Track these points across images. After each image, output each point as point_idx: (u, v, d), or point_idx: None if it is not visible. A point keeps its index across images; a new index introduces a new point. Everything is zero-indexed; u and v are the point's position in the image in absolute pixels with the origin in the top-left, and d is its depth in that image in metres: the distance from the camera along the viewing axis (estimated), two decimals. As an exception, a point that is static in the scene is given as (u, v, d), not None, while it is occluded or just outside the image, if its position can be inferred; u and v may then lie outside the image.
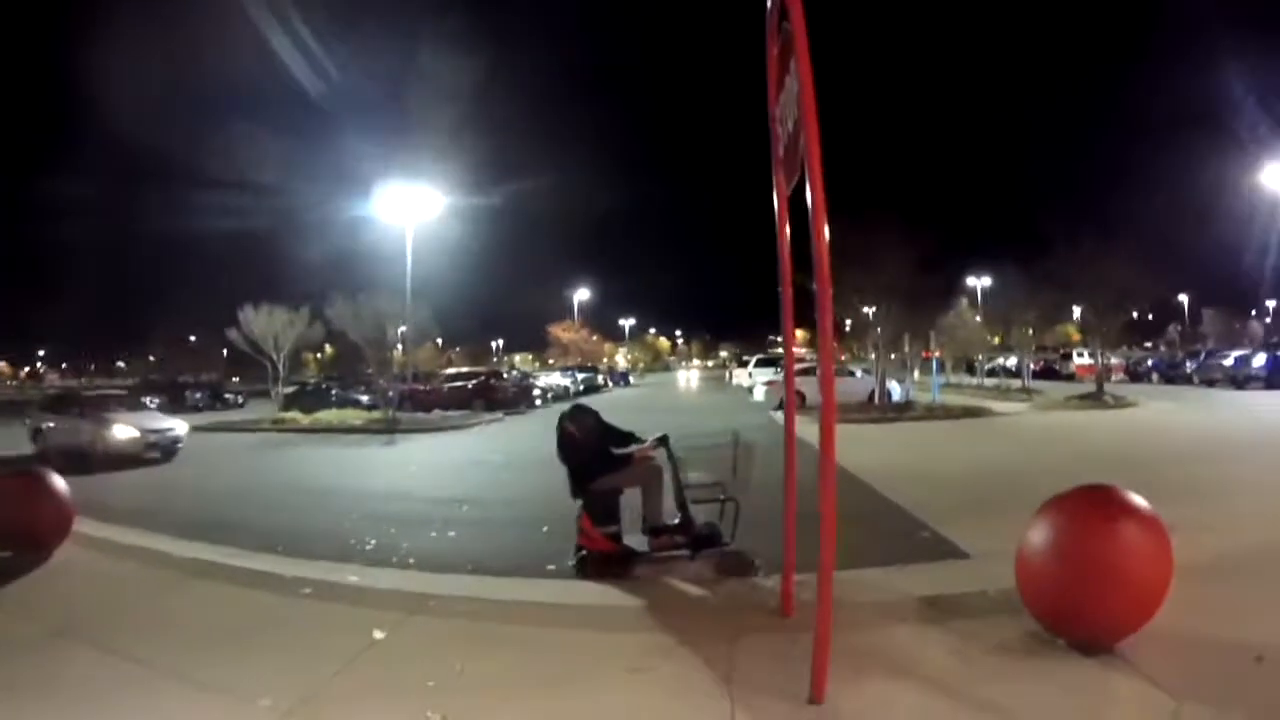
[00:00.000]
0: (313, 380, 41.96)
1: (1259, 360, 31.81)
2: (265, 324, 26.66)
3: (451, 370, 39.58)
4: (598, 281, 78.21)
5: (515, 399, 30.22)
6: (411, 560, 6.77)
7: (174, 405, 32.10)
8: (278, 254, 79.25)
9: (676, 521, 6.23)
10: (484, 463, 14.30)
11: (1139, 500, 4.08)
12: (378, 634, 4.52)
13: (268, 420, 25.05)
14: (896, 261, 21.51)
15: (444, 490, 10.90)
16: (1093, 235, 24.14)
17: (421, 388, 31.40)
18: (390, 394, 24.77)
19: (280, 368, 27.21)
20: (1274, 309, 73.28)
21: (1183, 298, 78.62)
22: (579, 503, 6.20)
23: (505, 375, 35.75)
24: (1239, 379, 31.25)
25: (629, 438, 6.70)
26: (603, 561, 6.01)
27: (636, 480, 6.31)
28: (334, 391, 32.16)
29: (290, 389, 30.06)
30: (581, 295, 73.41)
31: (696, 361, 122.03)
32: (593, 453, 6.37)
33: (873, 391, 23.50)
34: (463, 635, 4.57)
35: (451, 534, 7.97)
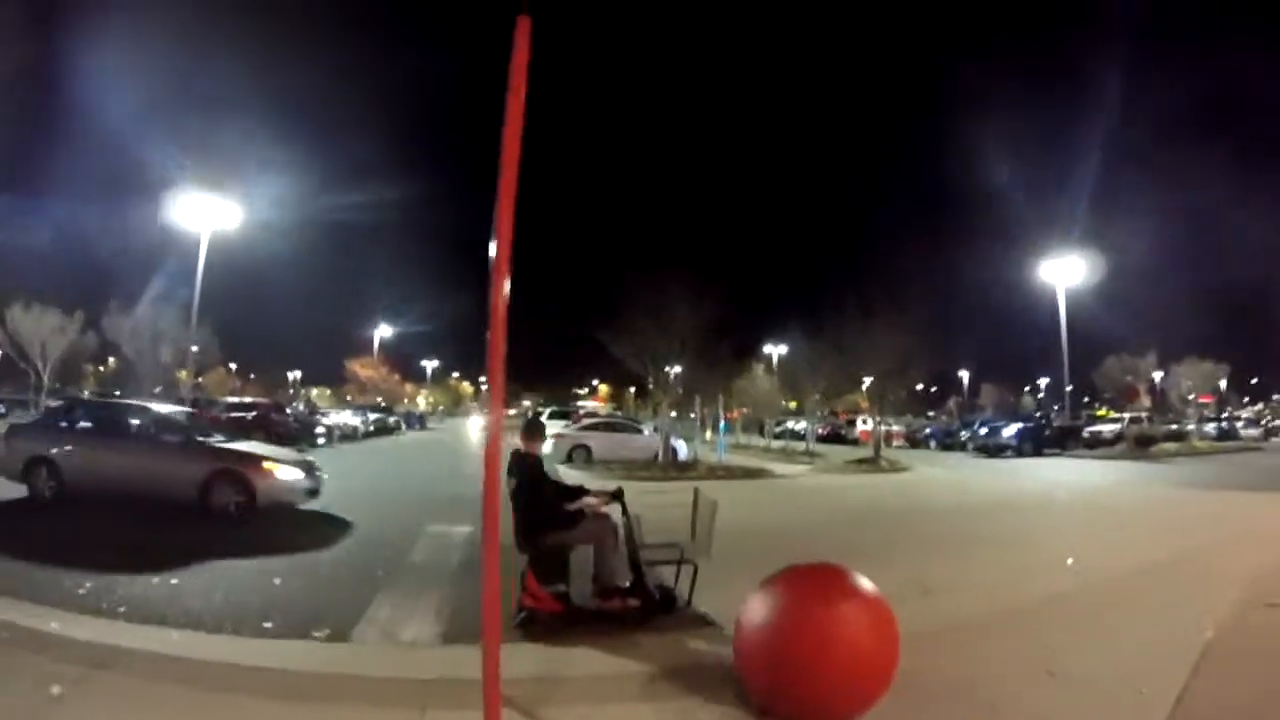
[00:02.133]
0: (83, 394, 38.50)
1: (1010, 430, 34.97)
2: (33, 327, 24.25)
3: (233, 399, 37.21)
4: (404, 319, 75.71)
5: (296, 435, 28.12)
6: (121, 609, 6.09)
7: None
8: (55, 253, 72.75)
9: (629, 583, 5.91)
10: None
11: (864, 582, 4.06)
12: (55, 689, 4.11)
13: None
14: (689, 319, 22.14)
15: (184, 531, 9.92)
16: (881, 308, 25.83)
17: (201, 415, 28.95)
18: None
19: (44, 377, 24.75)
20: (1045, 385, 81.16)
21: (963, 372, 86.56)
22: (524, 557, 5.77)
23: (289, 409, 34.12)
24: (991, 448, 34.03)
25: (579, 491, 6.41)
26: (549, 622, 5.60)
27: (589, 537, 5.96)
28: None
29: (55, 402, 27.22)
30: (384, 332, 71.40)
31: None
32: (541, 501, 5.96)
33: (659, 450, 23.81)
34: (140, 697, 4.20)
35: (174, 581, 7.17)
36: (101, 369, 58.76)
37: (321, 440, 29.92)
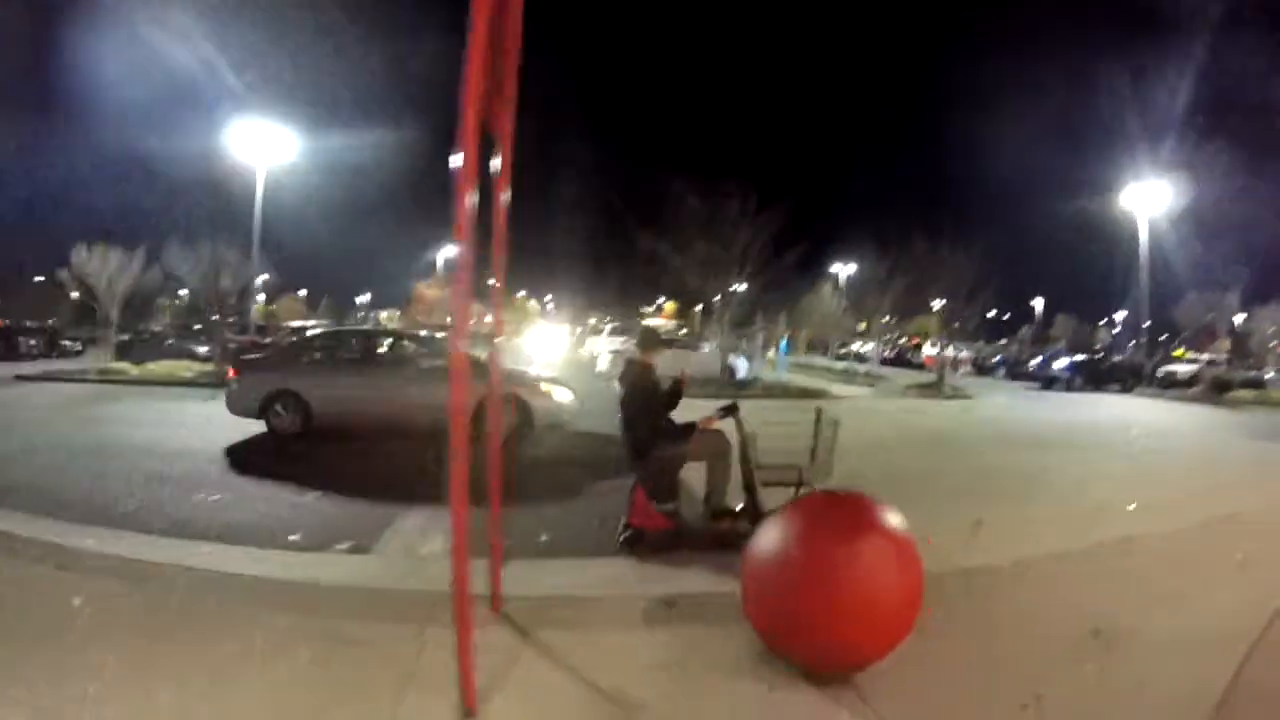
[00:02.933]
0: (155, 329, 39.67)
1: (1061, 363, 34.19)
2: (98, 267, 24.96)
3: (297, 323, 37.90)
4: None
5: None
6: (162, 527, 6.16)
7: (6, 352, 29.69)
8: (119, 191, 74.40)
9: (741, 507, 5.68)
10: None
11: (890, 514, 3.67)
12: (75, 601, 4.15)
13: (94, 370, 22.98)
14: (749, 234, 21.69)
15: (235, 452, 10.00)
16: (952, 230, 25.14)
17: (262, 341, 29.55)
18: (221, 347, 23.40)
19: (114, 313, 25.50)
20: (1123, 320, 78.26)
21: (1037, 301, 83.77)
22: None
23: None
24: (1044, 379, 33.33)
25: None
26: (658, 541, 5.48)
27: (702, 454, 5.72)
28: (169, 341, 29.97)
29: (126, 337, 28.09)
30: (449, 252, 71.02)
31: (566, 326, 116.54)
32: (651, 413, 5.73)
33: (718, 367, 23.53)
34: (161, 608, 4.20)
35: (215, 498, 7.32)
36: (176, 302, 60.41)
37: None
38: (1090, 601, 4.75)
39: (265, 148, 29.95)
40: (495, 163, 3.94)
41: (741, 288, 24.81)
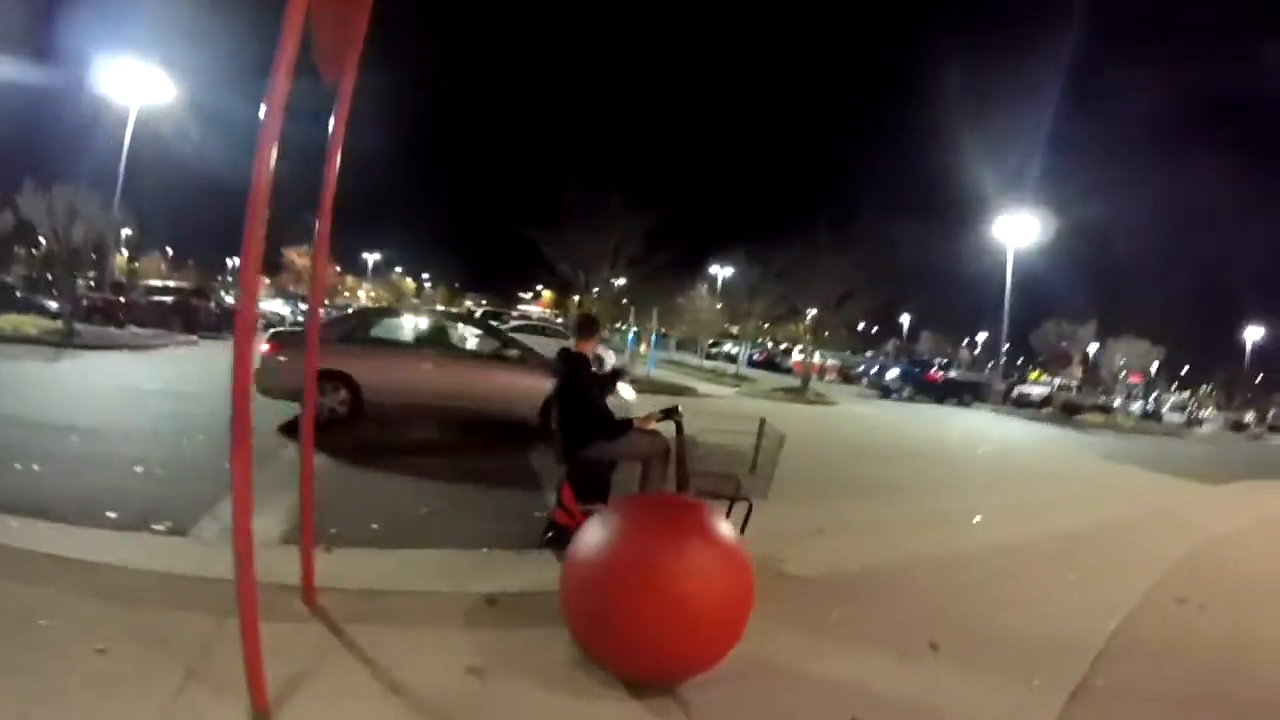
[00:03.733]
0: (5, 280, 37.11)
1: (892, 373, 36.76)
2: None
3: (156, 283, 36.05)
4: (346, 208, 72.71)
5: (219, 323, 27.34)
6: None
7: None
8: None
9: None
10: (135, 389, 12.54)
11: (718, 519, 3.57)
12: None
13: (-73, 322, 21.33)
14: (625, 228, 21.97)
15: (67, 417, 9.08)
16: (828, 242, 25.96)
17: (117, 299, 27.89)
18: (71, 302, 22.06)
19: None
20: (983, 340, 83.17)
21: (905, 317, 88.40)
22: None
23: (212, 296, 32.37)
24: (881, 388, 35.56)
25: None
26: None
27: (635, 453, 5.31)
28: (19, 294, 28.19)
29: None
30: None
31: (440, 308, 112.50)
32: (585, 407, 5.31)
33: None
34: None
35: (35, 468, 6.61)
36: (34, 251, 56.23)
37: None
38: (929, 611, 4.80)
39: (135, 89, 28.19)
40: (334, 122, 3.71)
41: (620, 282, 25.04)
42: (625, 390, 11.48)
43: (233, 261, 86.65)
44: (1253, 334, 70.24)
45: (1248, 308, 71.36)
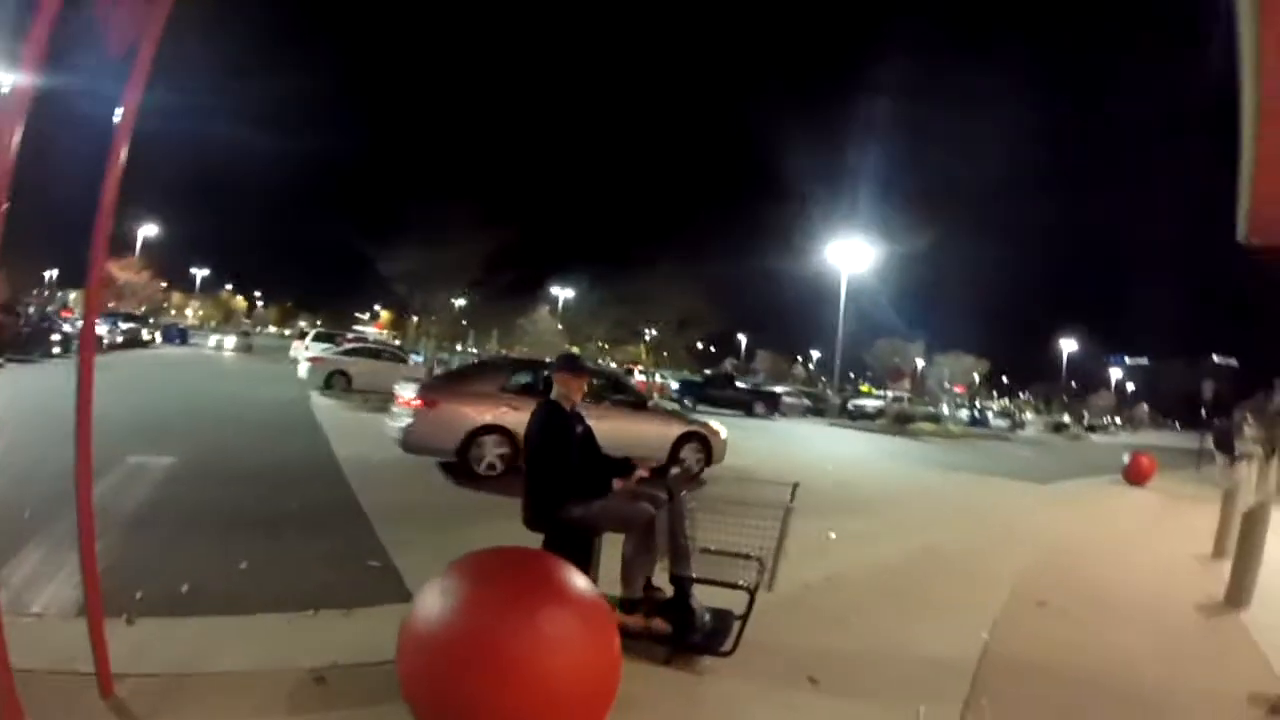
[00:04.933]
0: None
1: (674, 385, 36.99)
2: None
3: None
4: (176, 218, 67.94)
5: (28, 342, 24.27)
6: None
7: None
8: None
9: (667, 598, 4.35)
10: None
11: (575, 575, 3.14)
12: None
13: None
14: (461, 248, 21.79)
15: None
16: (668, 266, 26.65)
17: None
18: None
19: None
20: (817, 358, 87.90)
21: (742, 336, 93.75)
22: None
23: (20, 310, 28.45)
24: (676, 400, 36.11)
25: (621, 463, 4.79)
26: None
27: (615, 520, 4.37)
28: None
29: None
30: (149, 231, 62.87)
31: (273, 328, 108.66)
32: (557, 460, 4.38)
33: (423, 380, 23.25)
34: None
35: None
36: None
37: (58, 350, 25.57)
38: (800, 643, 4.69)
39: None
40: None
41: (460, 302, 24.84)
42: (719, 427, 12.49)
43: (50, 274, 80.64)
44: (1067, 345, 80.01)
45: (1061, 323, 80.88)
